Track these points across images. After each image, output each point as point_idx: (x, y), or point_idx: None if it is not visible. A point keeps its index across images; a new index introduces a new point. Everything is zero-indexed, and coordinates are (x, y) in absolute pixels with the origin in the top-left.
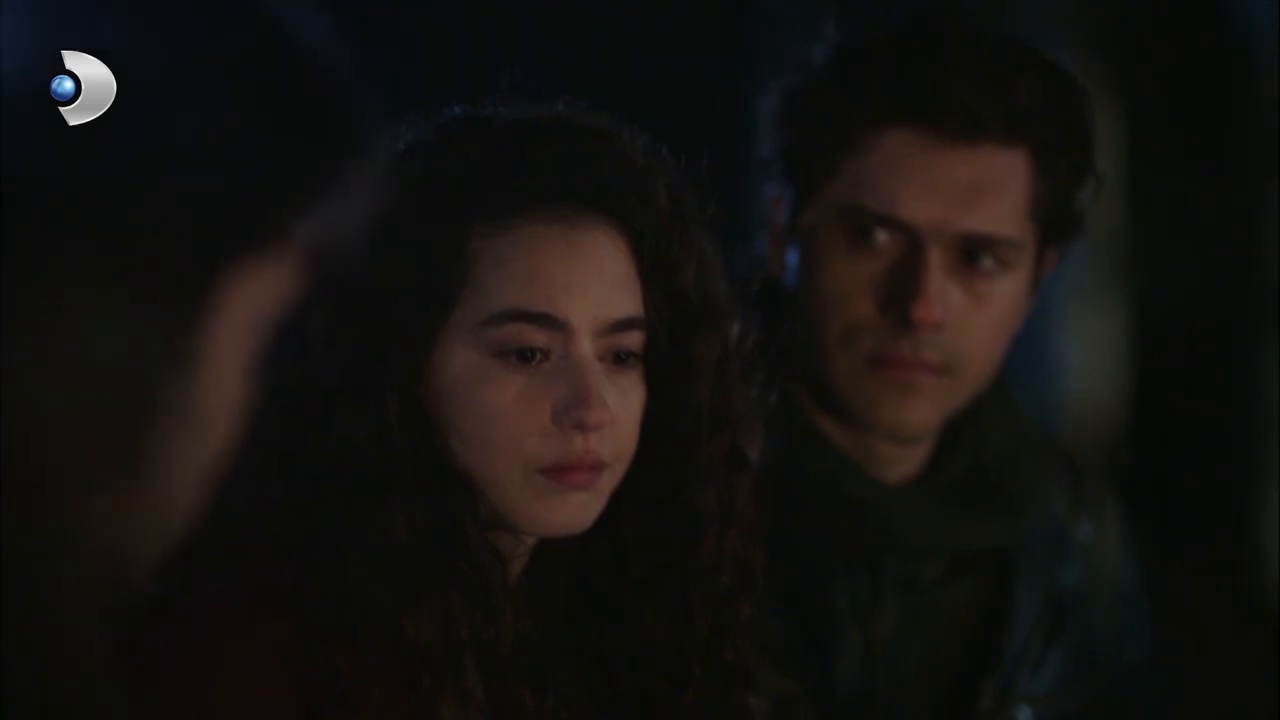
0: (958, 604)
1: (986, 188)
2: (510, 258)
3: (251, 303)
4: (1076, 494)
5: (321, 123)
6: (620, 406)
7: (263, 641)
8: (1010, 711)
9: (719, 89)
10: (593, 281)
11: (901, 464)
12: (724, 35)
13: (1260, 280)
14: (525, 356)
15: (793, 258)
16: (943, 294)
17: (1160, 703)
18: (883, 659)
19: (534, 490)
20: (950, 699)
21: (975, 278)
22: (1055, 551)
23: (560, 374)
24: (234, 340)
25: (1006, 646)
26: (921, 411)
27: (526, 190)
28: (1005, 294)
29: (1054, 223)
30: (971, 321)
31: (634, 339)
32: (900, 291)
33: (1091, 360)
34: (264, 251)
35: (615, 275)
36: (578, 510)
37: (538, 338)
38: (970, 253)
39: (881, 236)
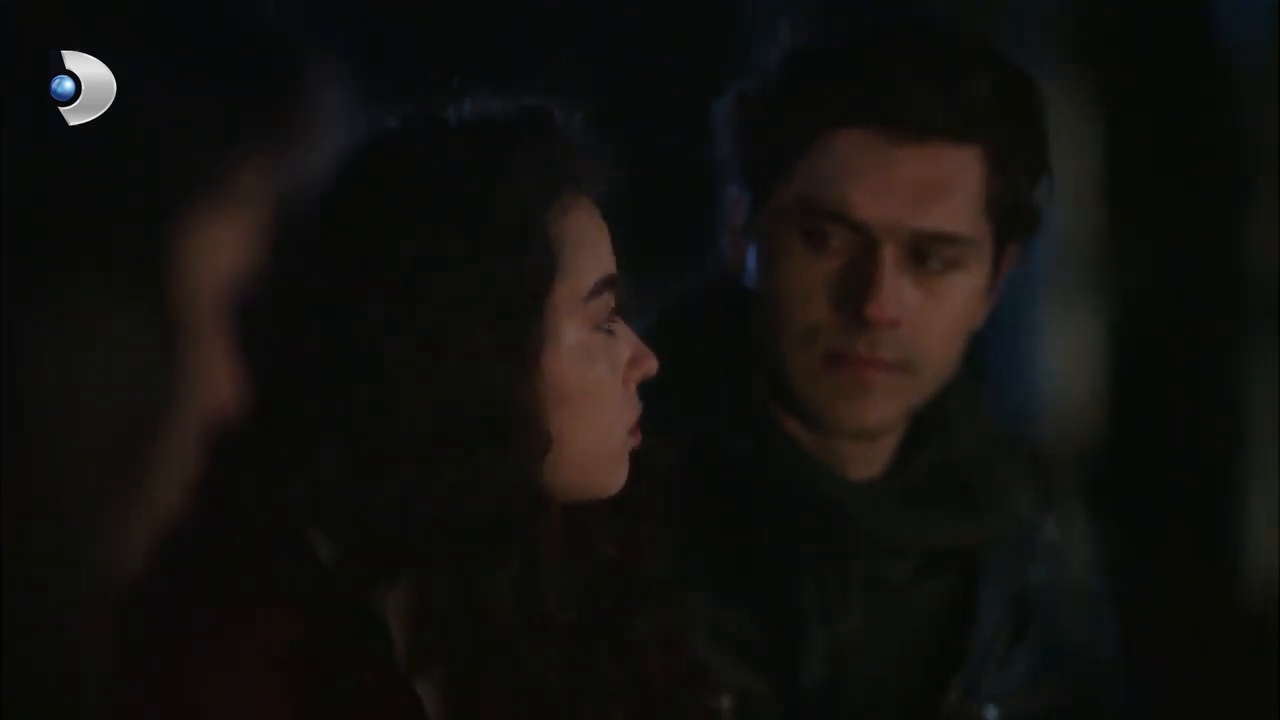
0: (924, 603)
1: (939, 186)
2: (585, 230)
3: (211, 263)
4: (1043, 492)
5: (262, 72)
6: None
7: (261, 644)
8: (977, 710)
9: (695, 90)
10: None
11: (866, 462)
12: (700, 36)
13: (1238, 283)
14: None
15: (751, 259)
16: (897, 292)
17: (1129, 702)
18: (849, 657)
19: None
20: (917, 698)
21: (931, 275)
22: (1022, 550)
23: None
24: (201, 305)
25: (973, 645)
26: (879, 409)
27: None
28: (962, 291)
29: (1010, 219)
30: (928, 319)
31: None
32: (855, 290)
33: (1069, 363)
34: (215, 207)
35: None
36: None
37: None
38: (924, 250)
39: (836, 236)
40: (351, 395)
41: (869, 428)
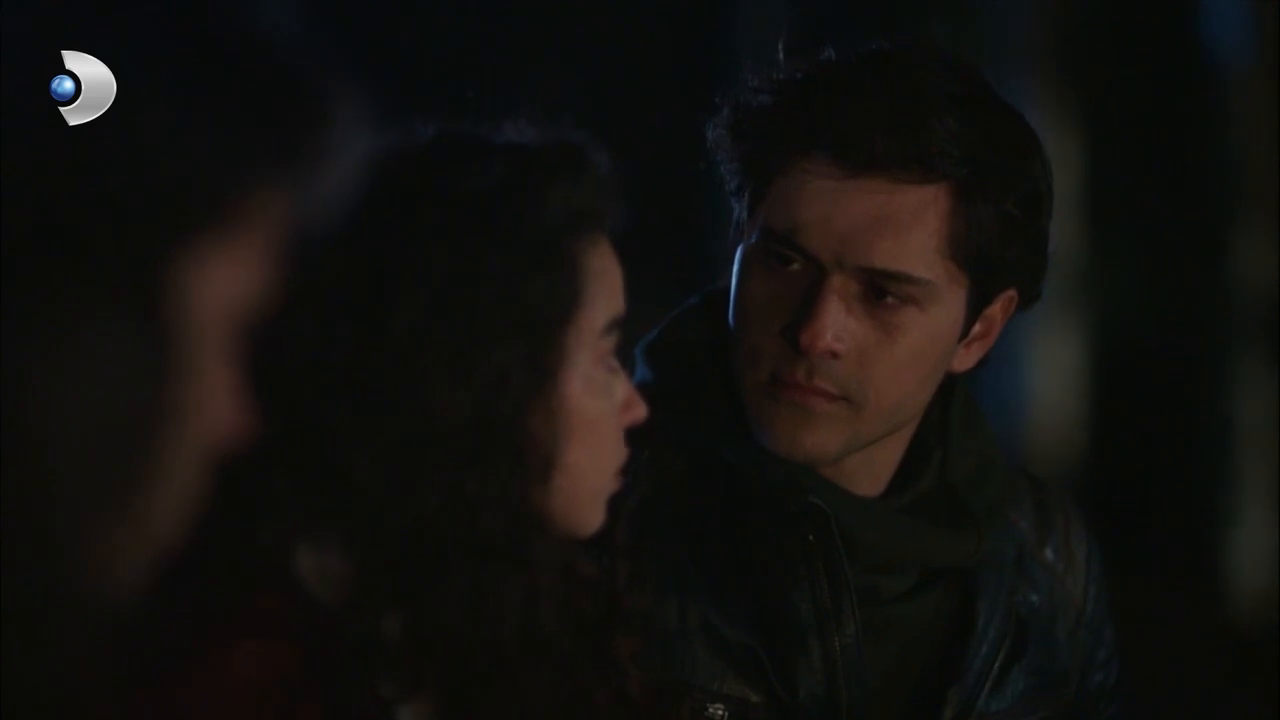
0: (921, 619)
1: (889, 223)
2: (607, 268)
3: (218, 290)
4: (1042, 518)
5: (276, 100)
6: None
7: (245, 677)
8: None
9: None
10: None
11: (865, 479)
12: (691, 53)
13: (1223, 300)
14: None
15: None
16: (838, 324)
17: None
18: (843, 670)
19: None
20: (914, 712)
21: (883, 310)
22: (1019, 571)
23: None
24: (207, 330)
25: (970, 660)
26: (818, 437)
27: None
28: (916, 330)
29: (987, 266)
30: (877, 354)
31: None
32: (798, 317)
33: (1051, 380)
34: (221, 234)
35: None
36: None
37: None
38: (878, 285)
39: (795, 262)
40: (382, 409)
41: (805, 455)
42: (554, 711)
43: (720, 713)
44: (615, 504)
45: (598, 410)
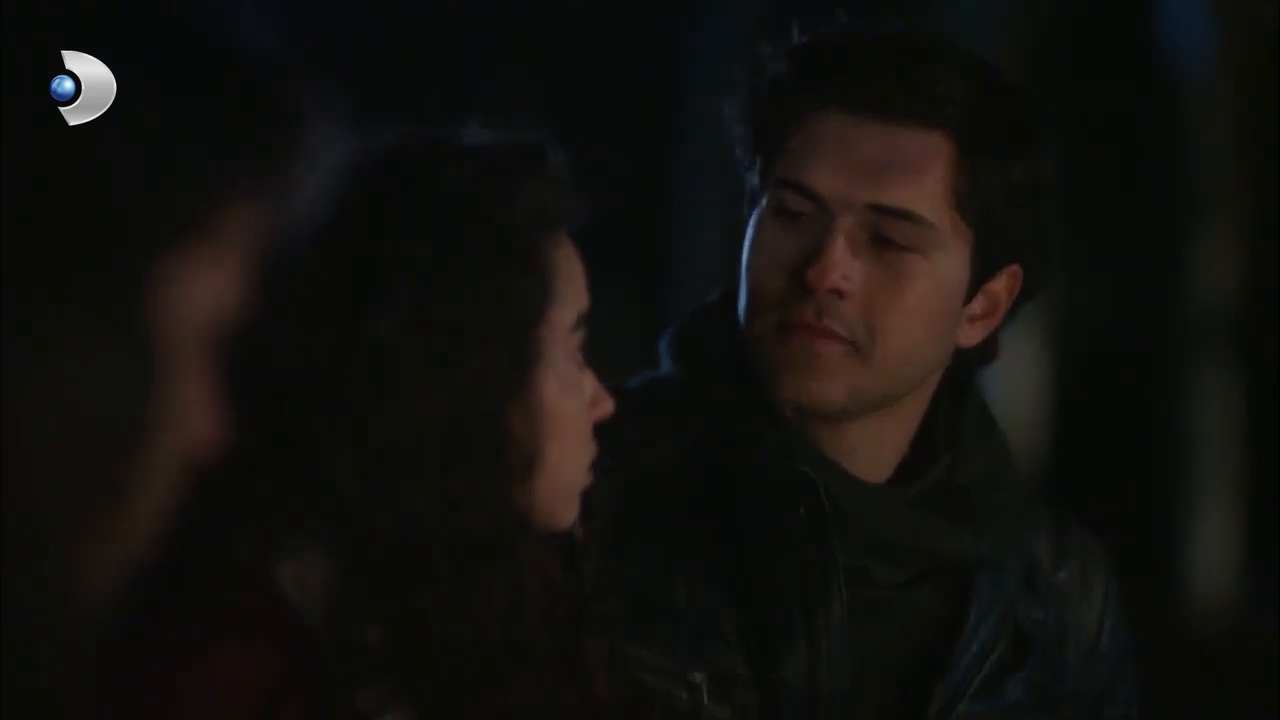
0: (912, 611)
1: (898, 165)
2: (572, 265)
3: (197, 301)
4: (1060, 543)
5: (250, 112)
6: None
7: (225, 684)
8: None
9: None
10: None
11: (868, 465)
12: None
13: (1180, 306)
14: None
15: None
16: (845, 263)
17: None
18: (826, 649)
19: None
20: (900, 703)
21: (890, 254)
22: (1024, 584)
23: None
24: (185, 342)
25: (958, 657)
26: (824, 384)
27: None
28: (922, 278)
29: (989, 225)
30: (883, 298)
31: None
32: (808, 260)
33: (1013, 384)
34: (199, 246)
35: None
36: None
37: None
38: (882, 228)
39: (801, 208)
40: (364, 413)
41: (813, 400)
42: (529, 715)
43: (699, 679)
44: (585, 501)
45: (571, 407)
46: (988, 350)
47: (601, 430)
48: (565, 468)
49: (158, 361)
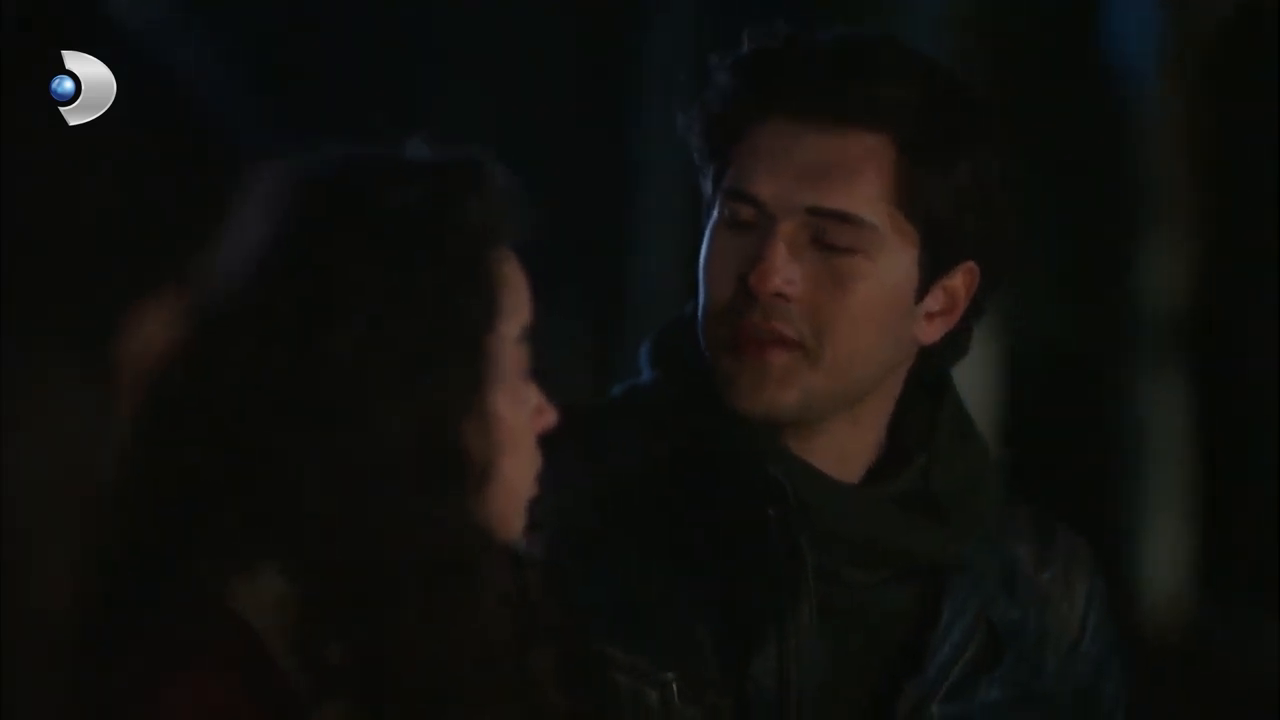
0: (884, 611)
1: (838, 168)
2: (517, 278)
3: (147, 349)
4: (1044, 545)
5: (202, 158)
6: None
7: (198, 698)
8: None
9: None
10: None
11: (836, 467)
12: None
13: (1129, 310)
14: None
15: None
16: (786, 267)
17: None
18: (796, 650)
19: None
20: (871, 702)
21: (834, 257)
22: (1003, 587)
23: None
24: (133, 387)
25: (930, 656)
26: (774, 393)
27: (504, 216)
28: (866, 279)
29: (938, 226)
30: (828, 300)
31: None
32: (752, 265)
33: (963, 386)
34: (156, 294)
35: None
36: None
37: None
38: (824, 231)
39: (747, 217)
40: (325, 433)
41: (767, 409)
42: None
43: (670, 679)
44: (530, 511)
45: (520, 418)
46: (957, 346)
47: (582, 435)
48: (516, 479)
49: (123, 391)
